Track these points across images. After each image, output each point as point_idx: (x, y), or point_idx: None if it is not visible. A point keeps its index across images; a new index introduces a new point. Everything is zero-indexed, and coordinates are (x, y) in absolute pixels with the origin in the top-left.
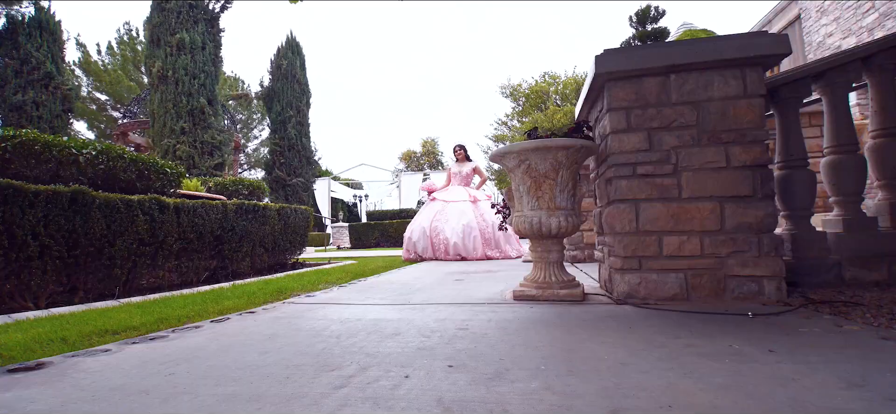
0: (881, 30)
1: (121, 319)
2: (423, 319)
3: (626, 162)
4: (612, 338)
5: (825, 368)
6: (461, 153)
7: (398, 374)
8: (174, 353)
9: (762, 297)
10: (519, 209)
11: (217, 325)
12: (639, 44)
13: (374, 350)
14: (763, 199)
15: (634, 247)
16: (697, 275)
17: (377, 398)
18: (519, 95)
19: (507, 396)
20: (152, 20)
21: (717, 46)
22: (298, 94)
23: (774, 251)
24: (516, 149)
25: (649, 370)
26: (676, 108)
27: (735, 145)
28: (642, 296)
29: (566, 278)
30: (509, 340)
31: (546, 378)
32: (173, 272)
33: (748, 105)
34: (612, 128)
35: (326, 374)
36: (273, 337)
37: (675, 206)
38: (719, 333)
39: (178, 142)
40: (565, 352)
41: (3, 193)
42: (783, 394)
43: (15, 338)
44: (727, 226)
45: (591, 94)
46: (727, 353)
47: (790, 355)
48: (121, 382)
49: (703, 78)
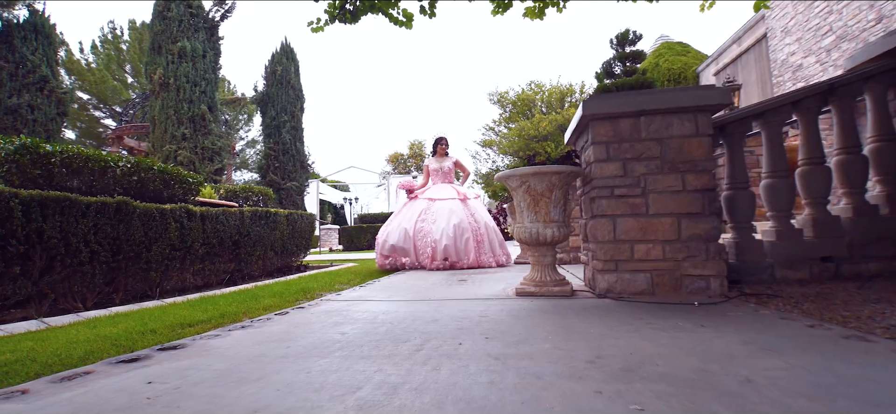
0: (837, 51)
1: (183, 316)
2: (449, 310)
3: (606, 185)
4: (595, 320)
5: (732, 334)
6: (442, 147)
7: (453, 342)
8: (273, 334)
9: (709, 291)
10: (520, 221)
11: (284, 317)
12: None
13: (425, 330)
14: (710, 216)
15: (612, 253)
16: (660, 274)
17: (448, 354)
18: (506, 103)
19: (531, 352)
20: (154, 28)
21: (676, 97)
22: (293, 100)
23: (718, 256)
24: (519, 173)
25: (620, 338)
26: (645, 143)
27: (689, 173)
28: (618, 291)
29: (558, 278)
30: (521, 322)
31: (554, 342)
32: (198, 275)
33: (699, 142)
34: (595, 158)
35: (403, 344)
36: (338, 323)
37: (643, 220)
38: (671, 316)
39: (180, 147)
40: (563, 329)
41: (61, 205)
42: (700, 347)
43: (110, 331)
44: (683, 236)
45: (578, 128)
46: (673, 327)
47: (714, 328)
48: (258, 352)
49: (665, 120)
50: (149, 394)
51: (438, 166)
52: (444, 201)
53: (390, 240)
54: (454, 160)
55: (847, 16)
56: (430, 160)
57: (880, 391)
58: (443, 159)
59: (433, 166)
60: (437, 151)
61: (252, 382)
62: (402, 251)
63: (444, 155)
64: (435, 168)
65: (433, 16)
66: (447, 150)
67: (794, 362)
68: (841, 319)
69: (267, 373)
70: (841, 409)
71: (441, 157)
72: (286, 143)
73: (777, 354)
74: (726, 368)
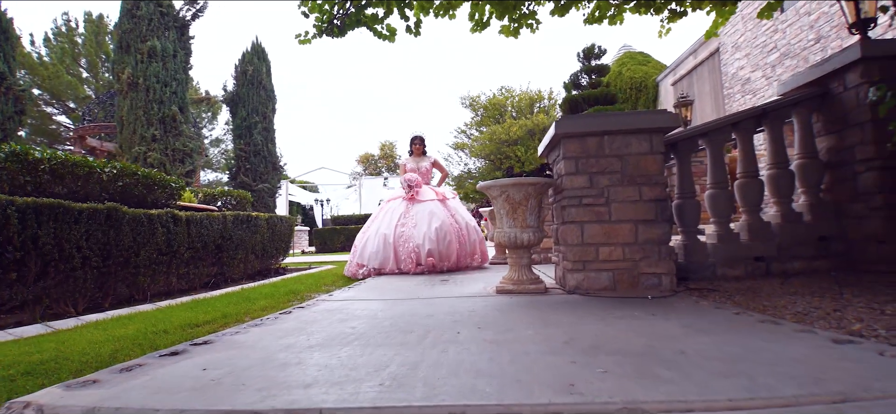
0: (781, 67)
1: (187, 317)
2: (441, 307)
3: (574, 195)
4: (567, 312)
5: (675, 320)
6: (419, 147)
7: (452, 331)
8: (288, 329)
9: (661, 287)
10: (499, 226)
11: (289, 315)
12: (581, 100)
13: (424, 323)
14: (662, 222)
15: (580, 254)
16: (621, 273)
17: (451, 340)
18: (478, 107)
19: (518, 337)
20: (122, 26)
21: (634, 120)
22: (264, 101)
23: (669, 257)
24: (499, 184)
25: (588, 325)
26: (608, 158)
27: (645, 185)
28: (585, 288)
29: (533, 277)
30: (506, 315)
31: (535, 329)
32: (182, 279)
33: (653, 159)
34: (566, 171)
35: (409, 334)
36: (343, 320)
37: (606, 226)
38: (629, 307)
39: (149, 149)
40: (541, 320)
41: (55, 212)
42: (649, 330)
43: (123, 332)
44: (639, 240)
45: (551, 143)
46: (629, 316)
47: (662, 316)
48: (285, 344)
49: (625, 139)
50: (210, 377)
51: (416, 166)
52: (424, 203)
53: (369, 247)
54: (432, 160)
55: (790, 35)
56: (408, 160)
57: (773, 357)
58: (420, 159)
59: (410, 166)
60: (414, 151)
61: (293, 366)
62: (382, 258)
63: (422, 154)
64: (412, 168)
65: (418, 35)
66: (424, 150)
67: (717, 339)
68: (762, 308)
69: (302, 359)
70: (741, 368)
71: (418, 157)
72: (258, 144)
73: (706, 334)
74: (667, 345)
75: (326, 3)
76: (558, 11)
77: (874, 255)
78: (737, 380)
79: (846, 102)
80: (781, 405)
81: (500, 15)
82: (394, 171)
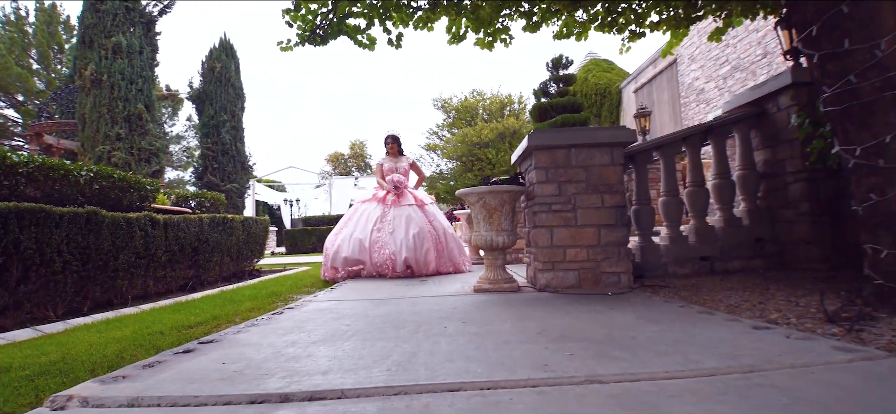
0: (732, 79)
1: (177, 319)
2: (425, 306)
3: (545, 202)
4: (539, 308)
5: (630, 313)
6: (394, 146)
7: (440, 326)
8: (285, 328)
9: (620, 284)
10: (477, 230)
11: (281, 316)
12: (549, 108)
13: (413, 320)
14: (621, 226)
15: (550, 256)
16: (585, 272)
17: (441, 334)
18: (450, 109)
19: (498, 330)
20: (85, 20)
21: (597, 135)
22: (233, 99)
23: (627, 257)
24: (477, 191)
25: (557, 319)
26: (575, 169)
27: (606, 194)
28: (554, 286)
29: (508, 277)
30: (485, 311)
31: (512, 323)
32: (159, 282)
33: (614, 170)
34: (537, 180)
35: (402, 329)
36: (336, 318)
37: (573, 230)
38: (592, 303)
39: (114, 148)
40: (517, 315)
41: (37, 217)
42: (609, 322)
43: (121, 334)
44: (601, 242)
45: (523, 154)
46: (592, 310)
47: (620, 310)
48: (289, 340)
49: (590, 152)
50: (232, 369)
51: (394, 166)
52: (402, 207)
53: (343, 252)
54: (410, 161)
55: (740, 50)
56: (385, 160)
57: (705, 340)
58: (397, 159)
59: (388, 165)
60: (390, 150)
61: (304, 358)
62: (356, 264)
63: (397, 154)
64: (390, 168)
65: (399, 47)
66: (400, 149)
67: (664, 328)
68: (703, 301)
69: (311, 352)
70: (679, 349)
71: (395, 157)
72: (226, 143)
73: (655, 324)
74: (622, 333)
75: (310, 14)
76: (530, 28)
77: (802, 254)
78: (674, 357)
79: (779, 121)
80: (705, 374)
81: (475, 29)
82: (364, 171)
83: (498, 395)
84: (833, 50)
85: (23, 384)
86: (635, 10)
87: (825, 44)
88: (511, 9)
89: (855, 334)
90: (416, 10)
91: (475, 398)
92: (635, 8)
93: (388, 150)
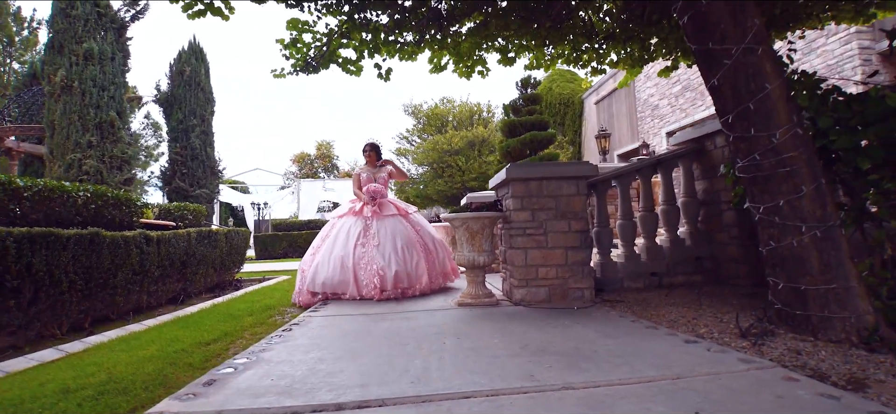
0: (683, 98)
1: (191, 336)
2: (419, 321)
3: (520, 226)
4: (518, 322)
5: (592, 327)
6: (372, 155)
7: (439, 342)
8: (304, 345)
9: (584, 298)
10: (460, 250)
11: (290, 333)
12: (519, 126)
13: (413, 336)
14: (585, 248)
15: (524, 274)
16: (554, 288)
17: (442, 349)
18: (420, 114)
19: (488, 344)
20: (55, 25)
21: (566, 170)
22: (203, 103)
23: (589, 275)
24: (462, 217)
25: (534, 333)
26: (546, 198)
27: (573, 219)
28: (528, 301)
29: (487, 292)
30: (474, 326)
31: (499, 338)
32: (152, 296)
33: (579, 199)
34: (513, 207)
35: (406, 346)
36: (344, 335)
37: (544, 251)
38: (561, 317)
39: (85, 155)
40: (501, 330)
41: (47, 240)
42: (575, 335)
43: (147, 353)
44: (568, 262)
45: (502, 183)
46: (561, 324)
47: (583, 322)
48: (315, 357)
49: (559, 183)
50: (283, 385)
51: (373, 176)
52: (385, 219)
53: (321, 274)
54: (389, 170)
55: (691, 72)
56: (363, 170)
57: (648, 352)
58: (377, 170)
59: (366, 176)
60: (368, 160)
61: (338, 373)
62: (339, 284)
63: (376, 163)
64: (369, 179)
65: (388, 80)
66: (379, 157)
67: (618, 342)
68: (650, 316)
69: (342, 368)
70: (628, 361)
71: (374, 167)
72: (195, 148)
73: (611, 338)
74: (586, 346)
75: (304, 46)
76: (505, 62)
77: (733, 272)
78: (625, 367)
79: (715, 157)
80: (645, 381)
81: (456, 61)
82: (330, 171)
83: (500, 400)
84: (743, 134)
85: (92, 404)
86: (597, 50)
87: (737, 128)
88: (488, 44)
89: (758, 348)
90: (403, 45)
91: (484, 403)
92: (597, 48)
93: (366, 160)
